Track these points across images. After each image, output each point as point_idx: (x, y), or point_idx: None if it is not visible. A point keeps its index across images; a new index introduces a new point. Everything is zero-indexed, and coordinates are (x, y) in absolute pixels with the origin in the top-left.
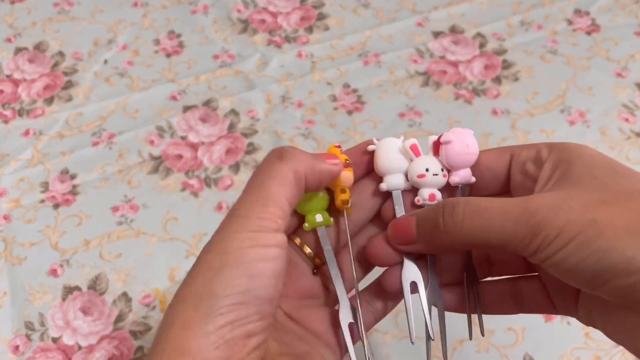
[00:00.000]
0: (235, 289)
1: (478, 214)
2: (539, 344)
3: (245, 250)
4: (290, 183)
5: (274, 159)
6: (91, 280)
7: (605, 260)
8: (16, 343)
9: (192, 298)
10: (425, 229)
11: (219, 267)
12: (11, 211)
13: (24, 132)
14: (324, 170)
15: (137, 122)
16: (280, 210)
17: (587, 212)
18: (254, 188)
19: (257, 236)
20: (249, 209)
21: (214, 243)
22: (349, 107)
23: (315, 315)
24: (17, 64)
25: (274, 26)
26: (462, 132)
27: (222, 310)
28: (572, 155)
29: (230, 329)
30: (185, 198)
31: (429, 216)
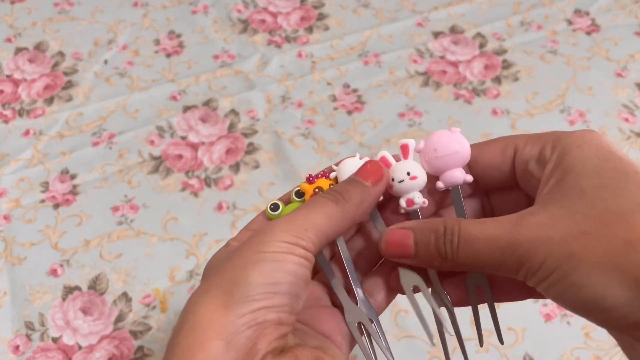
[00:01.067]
0: (269, 279)
1: (469, 244)
2: (539, 344)
3: (280, 254)
4: (336, 224)
5: (329, 200)
6: (91, 280)
7: (580, 294)
8: (16, 343)
9: (227, 284)
10: (425, 251)
11: (256, 261)
12: (11, 211)
13: (24, 132)
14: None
15: (137, 122)
16: (317, 239)
17: (565, 244)
18: (302, 214)
19: (292, 247)
20: (290, 227)
21: (251, 244)
22: (349, 107)
23: (320, 317)
24: (17, 64)
25: (274, 26)
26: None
27: (257, 297)
28: (570, 159)
29: (264, 313)
30: (185, 198)
31: (429, 240)
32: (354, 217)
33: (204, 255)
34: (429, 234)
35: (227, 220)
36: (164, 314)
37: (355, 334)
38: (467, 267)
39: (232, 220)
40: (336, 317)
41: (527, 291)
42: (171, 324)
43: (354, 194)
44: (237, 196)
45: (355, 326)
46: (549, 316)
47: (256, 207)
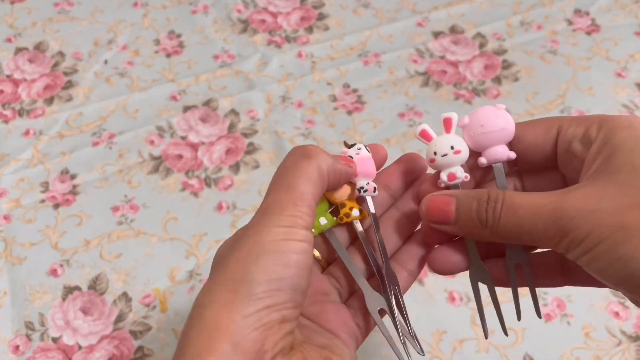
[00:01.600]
0: (272, 275)
1: (513, 212)
2: (539, 344)
3: (280, 243)
4: (316, 182)
5: (300, 157)
6: (91, 280)
7: (629, 267)
8: (16, 343)
9: (231, 282)
10: (466, 217)
11: (256, 255)
12: (11, 211)
13: (24, 132)
14: (343, 171)
15: (137, 122)
16: (309, 209)
17: (616, 215)
18: (284, 186)
19: (290, 231)
20: (281, 207)
21: (249, 235)
22: (349, 107)
23: (326, 313)
24: (17, 64)
25: (274, 26)
26: (480, 112)
27: (260, 295)
28: (619, 138)
29: (267, 313)
30: (185, 198)
31: (471, 206)
32: (327, 173)
33: (204, 256)
34: (472, 200)
35: (227, 221)
36: (164, 314)
37: (377, 320)
38: (508, 236)
39: (232, 220)
40: (343, 313)
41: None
42: (171, 324)
43: (323, 151)
44: (237, 196)
45: (377, 312)
46: (549, 316)
47: (256, 207)
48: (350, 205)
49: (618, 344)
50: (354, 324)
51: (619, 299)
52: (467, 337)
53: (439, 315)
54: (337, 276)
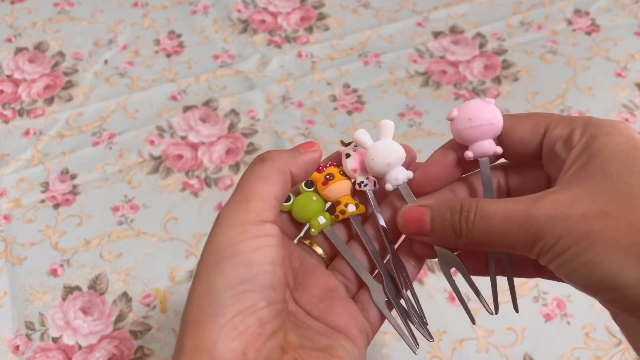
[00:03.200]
0: (234, 280)
1: (486, 220)
2: (538, 343)
3: (236, 244)
4: (273, 179)
5: (256, 162)
6: (91, 280)
7: (593, 273)
8: (16, 343)
9: (197, 297)
10: (440, 228)
11: (214, 263)
12: (11, 211)
13: (24, 132)
14: (307, 160)
15: (137, 122)
16: (264, 203)
17: (584, 222)
18: (238, 188)
19: (244, 229)
20: (233, 206)
21: (206, 243)
22: (349, 107)
23: (334, 310)
24: (18, 64)
25: (274, 26)
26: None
27: (227, 302)
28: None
29: (241, 319)
30: (186, 198)
31: (445, 216)
32: (288, 169)
33: None
34: (445, 210)
35: None
36: (164, 314)
37: (385, 313)
38: (482, 244)
39: None
40: (351, 309)
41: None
42: (171, 324)
43: (282, 152)
44: None
45: (384, 304)
46: (549, 316)
47: None
48: (345, 202)
49: (618, 344)
50: (363, 319)
51: None
52: (467, 337)
53: (439, 315)
54: (342, 271)
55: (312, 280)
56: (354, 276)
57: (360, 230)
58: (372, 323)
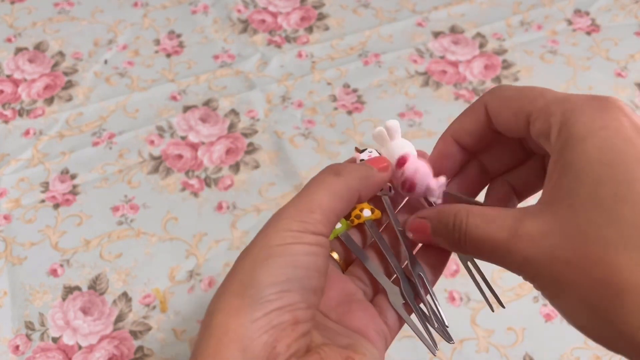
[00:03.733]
0: (280, 278)
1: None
2: (539, 343)
3: (288, 246)
4: (340, 196)
5: (330, 174)
6: (91, 280)
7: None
8: (16, 343)
9: (238, 287)
10: (440, 238)
11: (263, 258)
12: (11, 211)
13: (24, 132)
14: (378, 182)
15: (137, 122)
16: (325, 219)
17: (552, 267)
18: (304, 195)
19: (300, 235)
20: (295, 212)
21: (258, 239)
22: (349, 107)
23: (352, 313)
24: (17, 64)
25: (274, 26)
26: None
27: (269, 297)
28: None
29: (277, 315)
30: (186, 198)
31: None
32: (358, 189)
33: (204, 256)
34: (441, 225)
35: (227, 221)
36: (164, 314)
37: (403, 315)
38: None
39: (232, 220)
40: (369, 311)
41: None
42: (171, 324)
43: (357, 169)
44: (237, 196)
45: (402, 307)
46: (549, 316)
47: (256, 207)
48: (361, 207)
49: None
50: (381, 322)
51: None
52: (467, 337)
53: None
54: (360, 276)
55: (330, 284)
56: (371, 281)
57: (376, 235)
58: (390, 326)
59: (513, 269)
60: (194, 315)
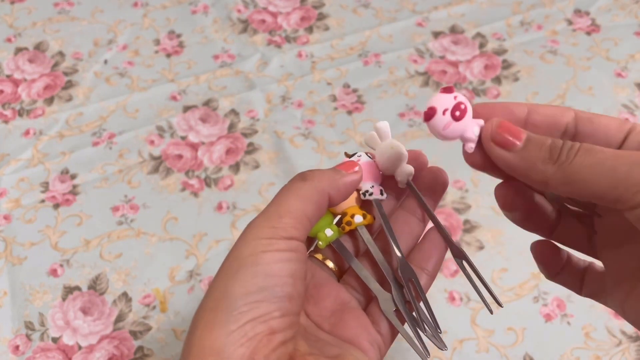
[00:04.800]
0: (251, 288)
1: (592, 153)
2: (539, 344)
3: (259, 255)
4: (311, 200)
5: (298, 180)
6: (91, 280)
7: None
8: (16, 343)
9: (212, 302)
10: (534, 149)
11: (234, 270)
12: (11, 211)
13: (24, 132)
14: (347, 184)
15: (137, 122)
16: (296, 222)
17: None
18: (273, 203)
19: (270, 242)
20: (264, 220)
21: (230, 252)
22: (349, 107)
23: (345, 322)
24: (17, 64)
25: (274, 26)
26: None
27: (242, 309)
28: None
29: (252, 326)
30: (185, 198)
31: (544, 141)
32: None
33: (203, 256)
34: (545, 138)
35: (227, 221)
36: (164, 314)
37: (393, 322)
38: (575, 180)
39: (232, 220)
40: (362, 321)
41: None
42: (171, 324)
43: (324, 172)
44: (237, 196)
45: (393, 314)
46: (549, 316)
47: (256, 207)
48: (351, 213)
49: (618, 344)
50: (374, 331)
51: None
52: (467, 337)
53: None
54: (353, 285)
55: (324, 293)
56: (363, 290)
57: (367, 241)
58: (384, 335)
59: (638, 179)
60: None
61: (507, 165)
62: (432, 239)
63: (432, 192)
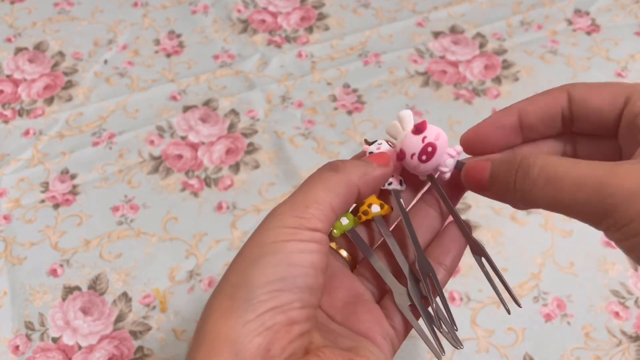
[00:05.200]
0: (272, 277)
1: (552, 182)
2: (539, 344)
3: (282, 243)
4: (339, 193)
5: (327, 171)
6: (91, 280)
7: None
8: (16, 343)
9: (229, 288)
10: (498, 182)
11: (255, 257)
12: (11, 211)
13: (24, 132)
14: (377, 177)
15: (137, 122)
16: (321, 214)
17: None
18: (300, 191)
19: (294, 232)
20: (289, 208)
21: (251, 237)
22: (349, 107)
23: (358, 315)
24: (17, 64)
25: (274, 26)
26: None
27: (261, 298)
28: None
29: (271, 315)
30: (185, 198)
31: (501, 171)
32: (357, 185)
33: (203, 256)
34: (503, 165)
35: (227, 221)
36: (164, 314)
37: (408, 316)
38: (541, 205)
39: (232, 220)
40: (376, 314)
41: None
42: (171, 324)
43: (355, 165)
44: (237, 196)
45: (408, 309)
46: (549, 316)
47: (256, 207)
48: (369, 202)
49: (618, 344)
50: (388, 325)
51: (619, 299)
52: (468, 337)
53: None
54: (368, 276)
55: (337, 284)
56: (378, 282)
57: (384, 232)
58: (397, 330)
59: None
60: (194, 316)
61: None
62: (451, 234)
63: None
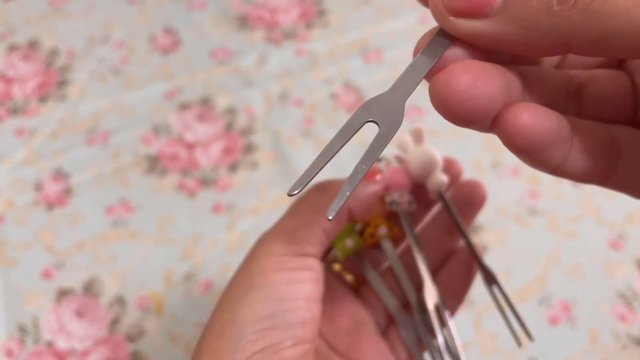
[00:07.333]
0: (261, 313)
1: None
2: (543, 347)
3: (270, 274)
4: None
5: (314, 192)
6: (86, 283)
7: None
8: (10, 346)
9: (218, 327)
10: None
11: (244, 291)
12: (4, 212)
13: (18, 131)
14: (368, 195)
15: (132, 120)
16: (312, 237)
17: None
18: (288, 215)
19: (282, 260)
20: (276, 234)
21: (240, 267)
22: (349, 106)
23: (360, 346)
24: (11, 62)
25: (273, 23)
26: None
27: (250, 338)
28: None
29: (261, 357)
30: (182, 199)
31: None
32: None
33: (200, 257)
34: None
35: (224, 222)
36: (160, 317)
37: (413, 351)
38: (581, 25)
39: (229, 221)
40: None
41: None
42: (167, 327)
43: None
44: (234, 197)
45: (414, 341)
46: (554, 319)
47: (254, 208)
48: (375, 223)
49: (624, 348)
50: (392, 358)
51: (625, 302)
52: (471, 341)
53: None
54: (372, 302)
55: (339, 310)
56: (384, 310)
57: (391, 257)
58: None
59: None
60: (190, 319)
61: (483, 41)
62: (462, 260)
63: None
